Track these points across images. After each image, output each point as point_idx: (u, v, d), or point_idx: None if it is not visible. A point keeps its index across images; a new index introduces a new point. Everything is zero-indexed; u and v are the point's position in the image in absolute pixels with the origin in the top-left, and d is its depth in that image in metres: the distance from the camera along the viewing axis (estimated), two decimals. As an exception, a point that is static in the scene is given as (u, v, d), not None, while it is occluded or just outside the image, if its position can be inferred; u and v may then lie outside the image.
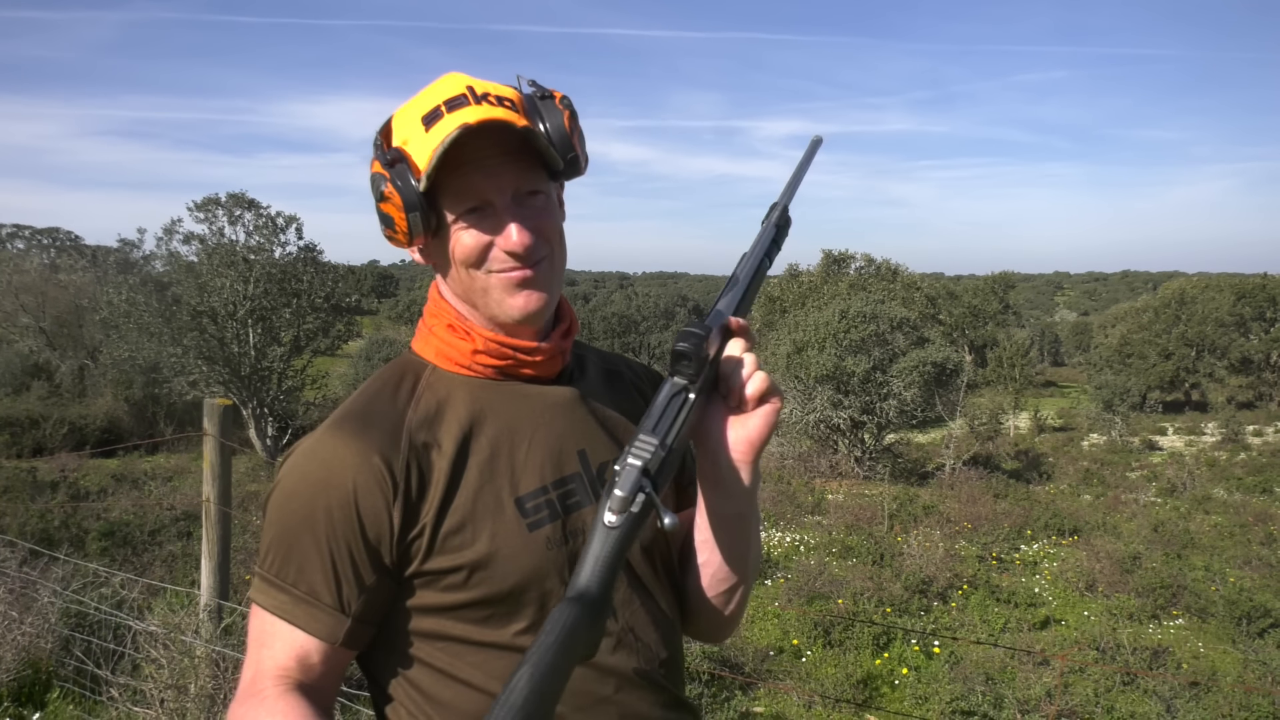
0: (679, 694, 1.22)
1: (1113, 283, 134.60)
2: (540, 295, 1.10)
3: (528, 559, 1.07)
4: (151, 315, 19.78)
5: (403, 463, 1.05)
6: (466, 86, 1.07)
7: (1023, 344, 43.33)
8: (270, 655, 1.04)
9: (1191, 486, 21.64)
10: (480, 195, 1.05)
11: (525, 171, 1.07)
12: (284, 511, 1.06)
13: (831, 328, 22.79)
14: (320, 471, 1.05)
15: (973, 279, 61.29)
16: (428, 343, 1.16)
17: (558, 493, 1.12)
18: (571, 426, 1.16)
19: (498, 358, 1.13)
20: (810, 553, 11.53)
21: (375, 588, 1.05)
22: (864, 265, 37.02)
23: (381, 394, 1.11)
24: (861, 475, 21.97)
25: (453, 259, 1.09)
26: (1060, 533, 13.80)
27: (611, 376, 1.29)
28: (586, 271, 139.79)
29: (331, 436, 1.07)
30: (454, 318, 1.14)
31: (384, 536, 1.03)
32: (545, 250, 1.10)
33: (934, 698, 6.83)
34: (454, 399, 1.12)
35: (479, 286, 1.09)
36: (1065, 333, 71.15)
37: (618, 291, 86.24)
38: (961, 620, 9.12)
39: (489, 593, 1.06)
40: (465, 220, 1.06)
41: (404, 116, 1.09)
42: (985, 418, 31.71)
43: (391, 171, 1.04)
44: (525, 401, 1.14)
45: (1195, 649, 8.67)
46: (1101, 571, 10.88)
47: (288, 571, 1.04)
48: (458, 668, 1.08)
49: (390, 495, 1.03)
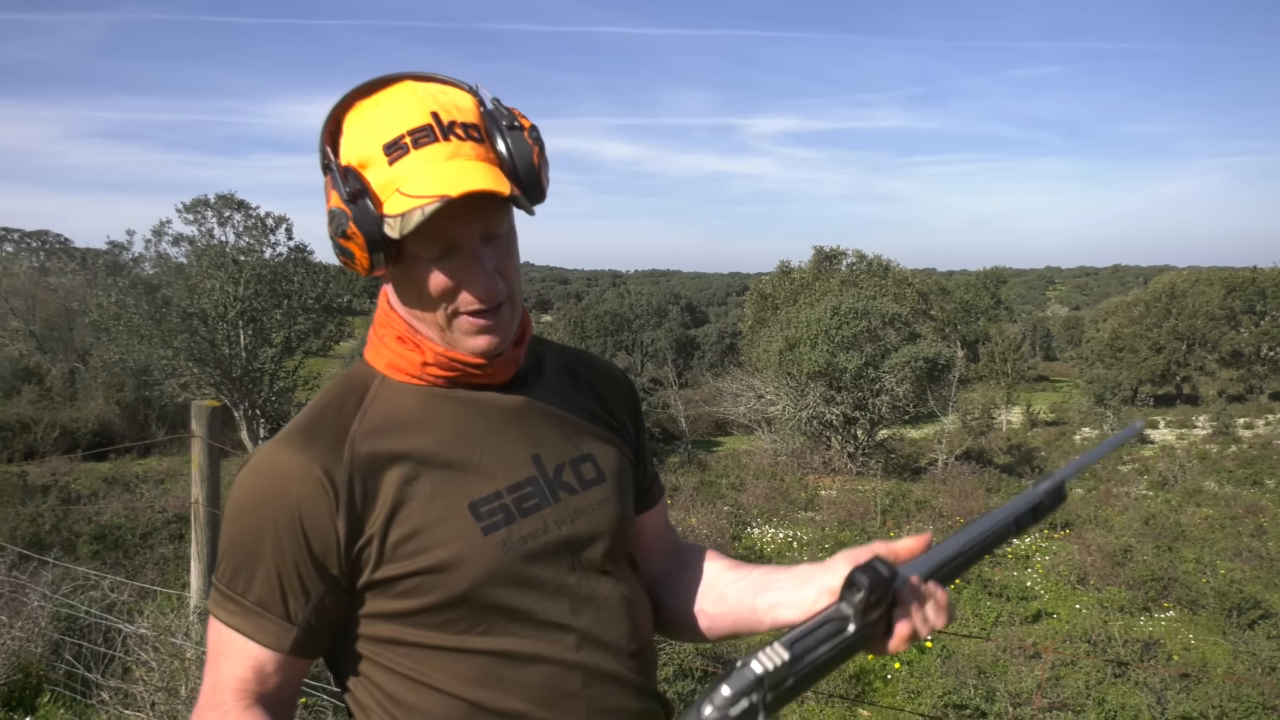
0: (649, 685, 1.23)
1: (1104, 277, 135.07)
2: (500, 339, 1.11)
3: (483, 562, 1.07)
4: (141, 317, 19.71)
5: (345, 474, 1.05)
6: (431, 114, 1.03)
7: (1015, 339, 43.48)
8: (228, 666, 1.07)
9: (1182, 479, 21.76)
10: (448, 240, 1.05)
11: (494, 214, 1.06)
12: (233, 525, 1.07)
13: (823, 324, 22.83)
14: (265, 486, 1.06)
15: (965, 274, 61.38)
16: (379, 352, 1.16)
17: (512, 497, 1.12)
18: (524, 431, 1.16)
19: (446, 369, 1.13)
20: (803, 549, 11.56)
21: (323, 597, 1.06)
22: (855, 261, 37.11)
23: (328, 407, 1.12)
24: (855, 471, 22.02)
25: (417, 293, 1.08)
26: (1052, 526, 13.86)
27: (570, 375, 1.29)
28: (579, 270, 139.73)
29: (277, 451, 1.08)
30: (404, 330, 1.13)
31: (330, 548, 1.04)
32: (505, 292, 1.10)
33: (926, 692, 6.86)
34: (403, 408, 1.12)
35: (439, 320, 1.09)
36: (1057, 327, 71.46)
37: (610, 290, 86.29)
38: (953, 614, 9.15)
39: (445, 597, 1.07)
40: (432, 264, 1.05)
41: (360, 129, 1.04)
42: (978, 413, 31.83)
43: (354, 209, 1.01)
44: (476, 408, 1.14)
45: (1186, 641, 8.72)
46: (1093, 565, 10.94)
47: (238, 583, 1.06)
48: (422, 672, 1.09)
49: (333, 507, 1.04)
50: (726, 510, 13.53)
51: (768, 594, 1.16)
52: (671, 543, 1.40)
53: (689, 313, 70.61)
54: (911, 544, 1.06)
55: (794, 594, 1.13)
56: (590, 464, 1.21)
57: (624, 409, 1.33)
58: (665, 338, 51.68)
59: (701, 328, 60.73)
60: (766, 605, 1.16)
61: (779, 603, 1.14)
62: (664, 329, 54.97)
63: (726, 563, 1.29)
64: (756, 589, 1.19)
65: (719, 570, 1.28)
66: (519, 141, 1.07)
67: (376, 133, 1.03)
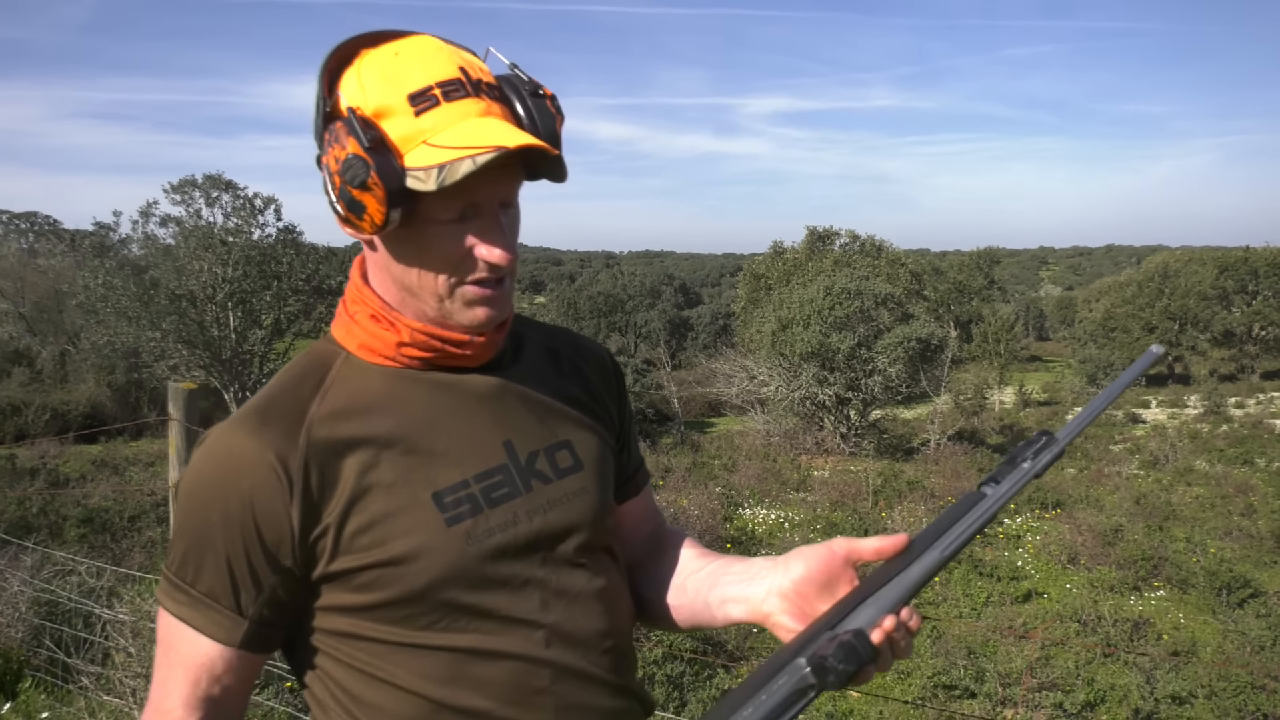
0: (625, 682, 1.17)
1: (1097, 257, 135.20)
2: (500, 313, 1.06)
3: (445, 555, 1.01)
4: (129, 299, 19.55)
5: (300, 460, 0.99)
6: (459, 68, 0.97)
7: (1007, 319, 43.50)
8: (179, 664, 1.01)
9: (1174, 459, 21.83)
10: (471, 202, 0.98)
11: (516, 180, 1.01)
12: (184, 511, 1.01)
13: (816, 304, 22.77)
14: (216, 471, 1.00)
15: (958, 255, 61.31)
16: (350, 331, 1.09)
17: (480, 486, 1.05)
18: (496, 416, 1.10)
19: (424, 350, 1.06)
20: (794, 530, 11.56)
21: (275, 589, 1.00)
22: (849, 242, 37.00)
23: (285, 387, 1.05)
24: (847, 451, 22.04)
25: (425, 255, 1.01)
26: (1044, 506, 13.89)
27: (552, 356, 1.22)
28: (572, 251, 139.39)
29: (230, 433, 1.01)
30: (378, 307, 1.06)
31: (283, 538, 0.98)
32: (510, 266, 1.04)
33: (916, 673, 6.86)
34: (367, 390, 1.06)
35: (442, 288, 1.02)
36: (1050, 307, 71.55)
37: (604, 271, 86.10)
38: (945, 595, 9.15)
39: (404, 591, 1.00)
40: (451, 224, 0.99)
41: (379, 79, 0.97)
42: (970, 393, 31.87)
43: (376, 159, 0.93)
44: (445, 391, 1.08)
45: (1176, 620, 8.74)
46: (1084, 544, 10.95)
47: (187, 571, 1.00)
48: (380, 668, 1.03)
49: (287, 495, 0.98)
50: (718, 491, 13.52)
51: (719, 589, 1.11)
52: (652, 530, 1.33)
53: (683, 294, 70.51)
54: (878, 545, 0.98)
55: (744, 589, 1.07)
56: (567, 451, 1.14)
57: (608, 392, 1.26)
58: (659, 319, 51.62)
59: (695, 309, 60.67)
60: (718, 600, 1.11)
61: (729, 598, 1.10)
62: (657, 310, 54.91)
63: (695, 551, 1.23)
64: (710, 582, 1.13)
65: (687, 559, 1.21)
66: (542, 109, 1.01)
67: (399, 82, 0.95)
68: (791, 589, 1.02)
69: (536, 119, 1.00)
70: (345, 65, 0.99)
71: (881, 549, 0.97)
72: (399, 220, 0.96)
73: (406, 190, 0.94)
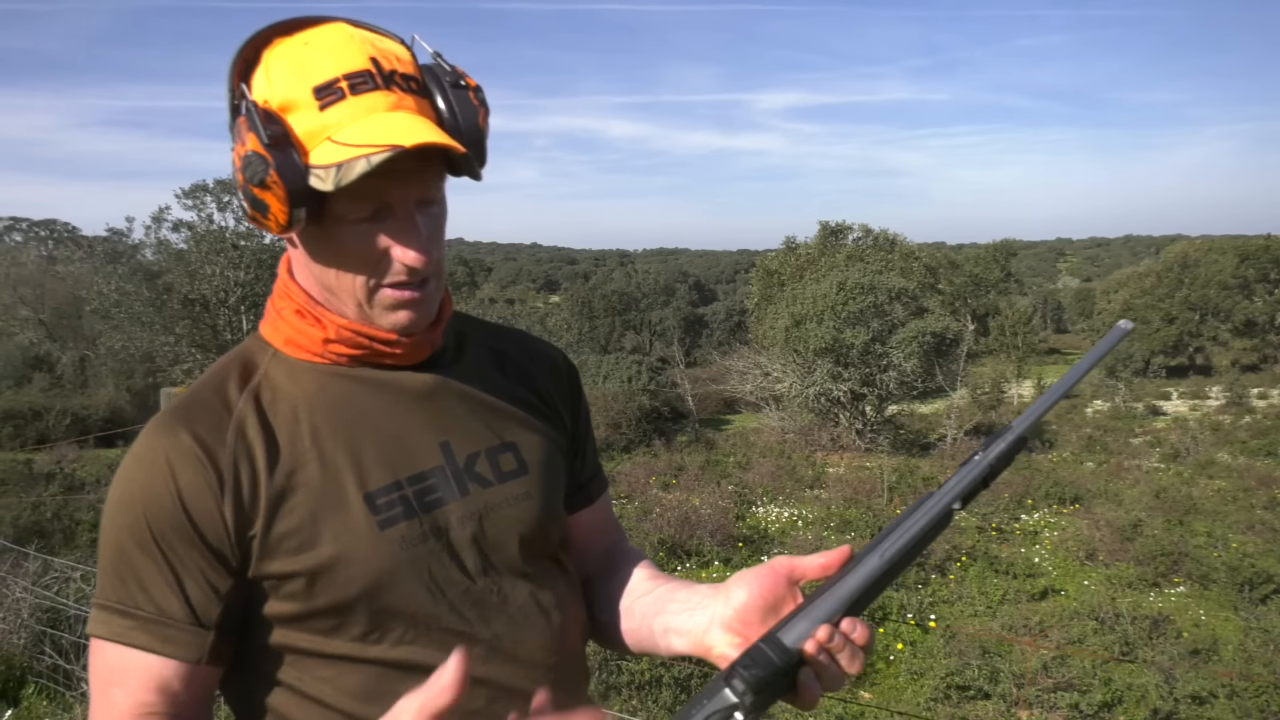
0: (575, 704, 1.10)
1: (1115, 248, 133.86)
2: (422, 316, 0.99)
3: (377, 561, 0.95)
4: (142, 304, 19.70)
5: (229, 457, 0.93)
6: (370, 59, 0.91)
7: (1025, 312, 43.14)
8: (124, 693, 0.91)
9: (1195, 451, 21.51)
10: (383, 200, 0.92)
11: (433, 180, 0.95)
12: (114, 527, 0.94)
13: (829, 300, 22.62)
14: (143, 477, 0.93)
15: (974, 247, 60.82)
16: (276, 328, 1.04)
17: (414, 489, 1.00)
18: (432, 416, 1.04)
19: (352, 346, 1.00)
20: (808, 528, 11.45)
21: (232, 593, 0.94)
22: (861, 236, 36.69)
23: (212, 385, 1.00)
24: (863, 448, 21.89)
25: (339, 256, 0.95)
26: (1061, 501, 13.71)
27: (497, 357, 1.16)
28: (586, 250, 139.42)
29: (152, 436, 0.95)
30: (304, 302, 1.01)
31: (223, 537, 0.93)
32: (433, 268, 0.98)
33: (929, 673, 6.75)
34: (295, 388, 1.00)
35: (359, 291, 0.97)
36: (1068, 299, 70.90)
37: (618, 269, 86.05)
38: (959, 593, 9.03)
39: (335, 599, 0.94)
40: (362, 225, 0.93)
41: (284, 68, 0.91)
42: (988, 387, 31.59)
43: (276, 156, 0.88)
44: (378, 390, 1.02)
45: (1196, 617, 8.58)
46: (1102, 540, 10.79)
47: (128, 594, 0.92)
48: (306, 683, 0.97)
49: (218, 493, 0.92)
50: (731, 489, 13.43)
51: (662, 617, 1.05)
52: (608, 546, 1.26)
53: (697, 291, 70.35)
54: (823, 561, 0.92)
55: (686, 620, 1.01)
56: (511, 454, 1.08)
57: (560, 395, 1.20)
58: (673, 316, 51.48)
59: (710, 305, 60.49)
60: (661, 629, 1.05)
61: (671, 629, 1.03)
62: (672, 307, 54.77)
63: (647, 573, 1.16)
64: (655, 609, 1.07)
65: (636, 580, 1.15)
66: (464, 101, 0.95)
67: (305, 74, 0.90)
68: (734, 617, 0.95)
69: (457, 112, 0.95)
70: (261, 52, 0.94)
71: (826, 564, 0.91)
72: (305, 220, 0.91)
73: (310, 189, 0.88)
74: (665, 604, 1.06)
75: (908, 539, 0.88)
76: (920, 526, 0.89)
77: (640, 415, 22.17)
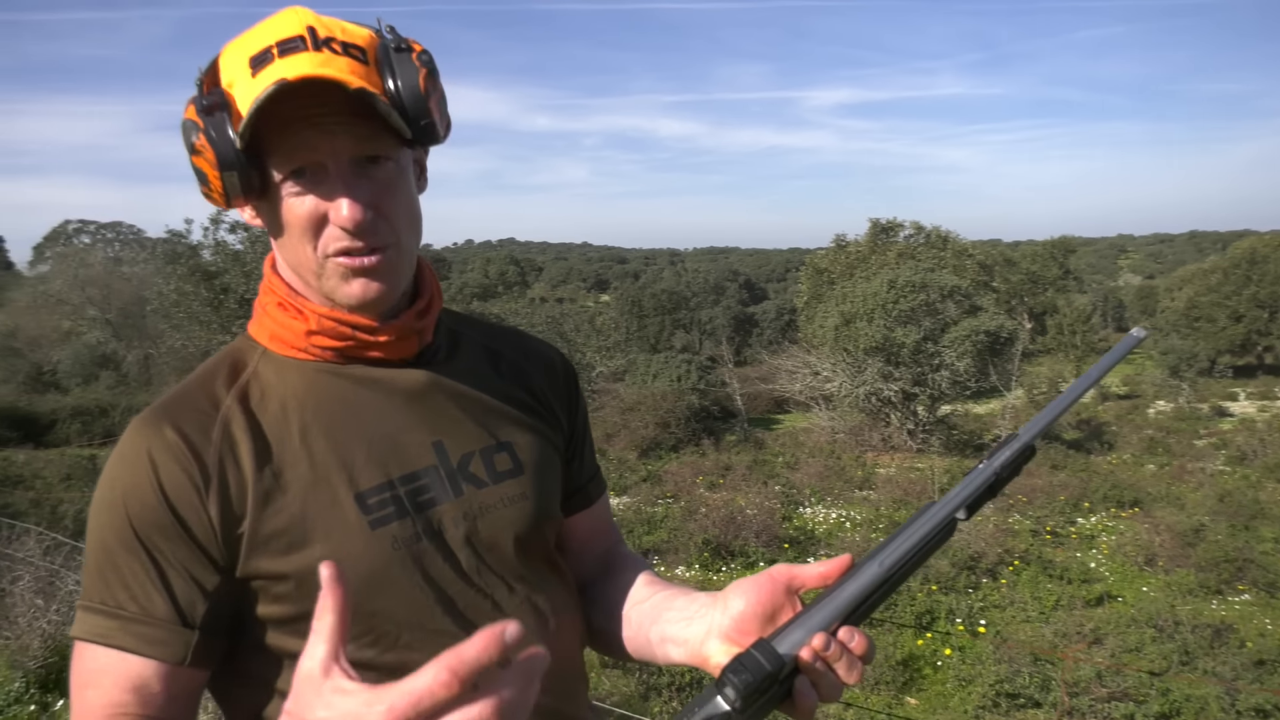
0: (571, 710, 1.07)
1: (1179, 244, 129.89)
2: (381, 286, 0.96)
3: (369, 561, 0.93)
4: (200, 304, 20.19)
5: (215, 454, 0.92)
6: (307, 27, 0.91)
7: (1084, 310, 42.18)
8: (99, 694, 0.88)
9: (1263, 453, 20.75)
10: (311, 155, 0.91)
11: (368, 136, 0.92)
12: (97, 526, 0.92)
13: (880, 298, 22.32)
14: (127, 474, 0.91)
15: (1031, 244, 59.56)
16: (262, 324, 1.02)
17: (406, 489, 0.97)
18: (424, 415, 1.02)
19: (335, 338, 0.98)
20: (855, 529, 11.30)
21: (219, 592, 0.92)
22: (913, 233, 36.10)
23: (199, 382, 0.99)
24: (915, 448, 21.56)
25: (285, 226, 0.94)
26: (1120, 504, 13.33)
27: (492, 356, 1.13)
28: (636, 249, 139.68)
29: (135, 432, 0.94)
30: (285, 294, 1.00)
31: (208, 534, 0.91)
32: (389, 236, 0.95)
33: (978, 679, 6.60)
34: (284, 386, 0.98)
35: (311, 261, 0.95)
36: (1129, 297, 69.05)
37: (668, 268, 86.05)
38: (1011, 597, 8.82)
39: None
40: (294, 183, 0.92)
41: (233, 53, 0.93)
42: (1045, 387, 30.90)
43: (206, 120, 0.89)
44: (370, 388, 1.00)
45: (1262, 626, 8.26)
46: (1162, 545, 10.46)
47: (111, 594, 0.90)
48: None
49: (203, 489, 0.90)
50: (778, 490, 13.30)
51: (659, 626, 1.02)
52: (606, 550, 1.23)
53: (747, 289, 69.93)
54: (822, 570, 0.89)
55: (683, 630, 0.98)
56: (507, 454, 1.06)
57: (557, 396, 1.17)
58: (723, 315, 51.30)
59: (760, 304, 60.12)
60: (658, 638, 1.02)
61: (668, 638, 1.00)
62: (722, 306, 54.58)
63: (645, 578, 1.13)
64: (652, 617, 1.04)
65: (636, 587, 1.12)
66: (404, 63, 0.94)
67: (245, 50, 0.92)
68: (732, 627, 0.92)
69: (396, 73, 0.93)
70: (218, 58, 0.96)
71: (826, 573, 0.88)
72: (240, 186, 0.91)
73: (238, 154, 0.89)
74: (662, 612, 1.03)
75: (908, 547, 0.86)
76: (921, 535, 0.87)
77: (689, 414, 22.09)
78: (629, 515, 11.15)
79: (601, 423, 21.08)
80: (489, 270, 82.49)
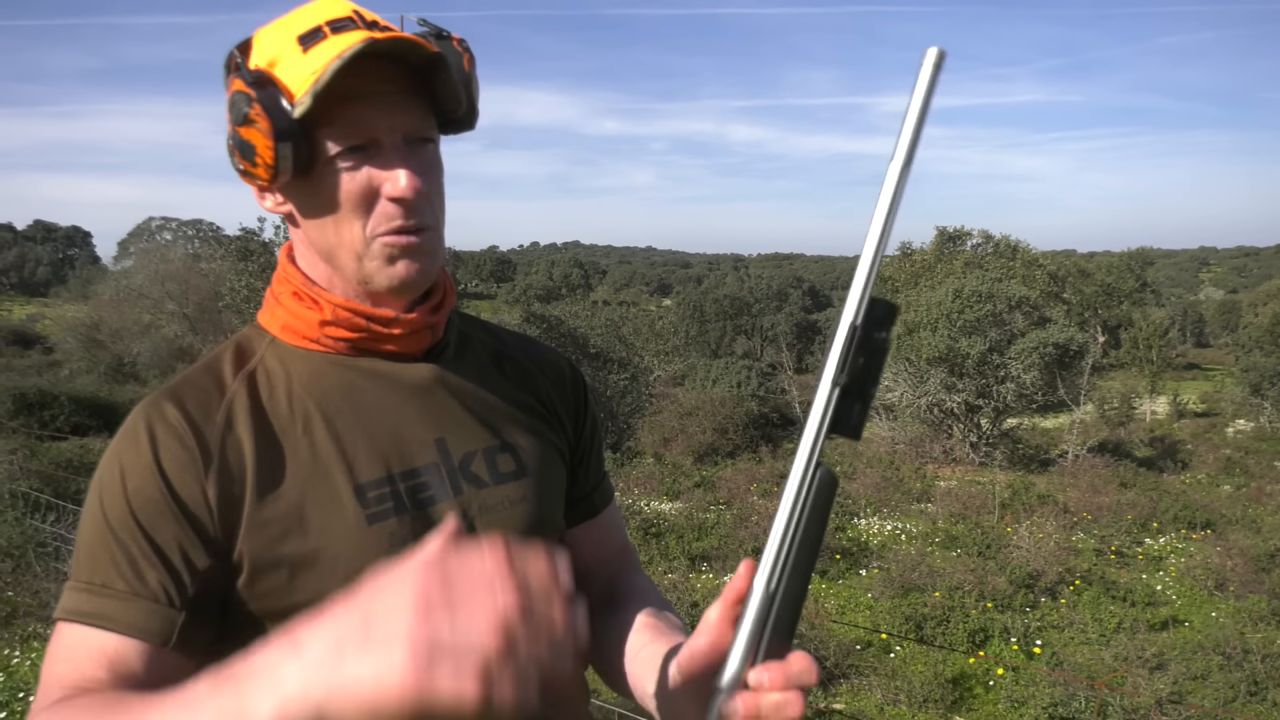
0: (570, 716, 1.07)
1: (1265, 258, 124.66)
2: (422, 269, 0.97)
3: (364, 555, 0.92)
4: (270, 301, 20.73)
5: (218, 434, 0.92)
6: (353, 10, 0.94)
7: (1161, 323, 40.73)
8: (70, 668, 0.86)
9: (1350, 478, 19.81)
10: (369, 131, 0.92)
11: (420, 114, 0.95)
12: (94, 503, 0.92)
13: (944, 308, 21.89)
14: (127, 451, 0.92)
15: (1106, 256, 57.80)
16: (274, 314, 1.03)
17: (406, 485, 0.97)
18: (429, 411, 1.02)
19: (349, 329, 0.99)
20: (910, 542, 11.08)
21: (210, 574, 0.91)
22: (981, 242, 35.33)
23: (206, 367, 1.00)
24: (977, 461, 21.05)
25: (331, 203, 0.94)
26: (1191, 526, 12.83)
27: (498, 359, 1.13)
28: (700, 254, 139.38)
29: (139, 412, 0.95)
30: (301, 283, 1.00)
31: (204, 514, 0.91)
32: (432, 218, 0.97)
33: (1031, 701, 6.41)
34: (290, 374, 0.99)
35: (356, 241, 0.95)
36: (1210, 311, 66.54)
37: (731, 273, 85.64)
38: (1070, 619, 8.55)
39: (315, 593, 0.90)
40: (350, 158, 0.92)
41: (271, 35, 0.95)
42: (1117, 402, 29.93)
43: (260, 92, 0.90)
44: (375, 381, 1.01)
45: (1339, 658, 7.87)
46: (1234, 569, 10.03)
47: (100, 572, 0.89)
48: None
49: (201, 469, 0.91)
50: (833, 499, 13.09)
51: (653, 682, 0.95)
52: (615, 572, 1.20)
53: (811, 296, 69.27)
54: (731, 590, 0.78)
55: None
56: (510, 456, 1.05)
57: (564, 402, 1.16)
58: (785, 322, 50.90)
59: (823, 311, 59.50)
60: (650, 695, 0.96)
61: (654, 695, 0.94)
62: (784, 313, 54.16)
63: (645, 616, 1.06)
64: (649, 669, 0.97)
65: (638, 627, 1.05)
66: (449, 49, 0.98)
67: (290, 29, 0.93)
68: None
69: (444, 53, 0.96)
70: (250, 41, 0.97)
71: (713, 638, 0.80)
72: (292, 160, 0.91)
73: (295, 124, 0.89)
74: (651, 671, 0.97)
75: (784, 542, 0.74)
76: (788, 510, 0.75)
77: (747, 421, 21.95)
78: (680, 520, 11.10)
79: (659, 427, 21.04)
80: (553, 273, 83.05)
